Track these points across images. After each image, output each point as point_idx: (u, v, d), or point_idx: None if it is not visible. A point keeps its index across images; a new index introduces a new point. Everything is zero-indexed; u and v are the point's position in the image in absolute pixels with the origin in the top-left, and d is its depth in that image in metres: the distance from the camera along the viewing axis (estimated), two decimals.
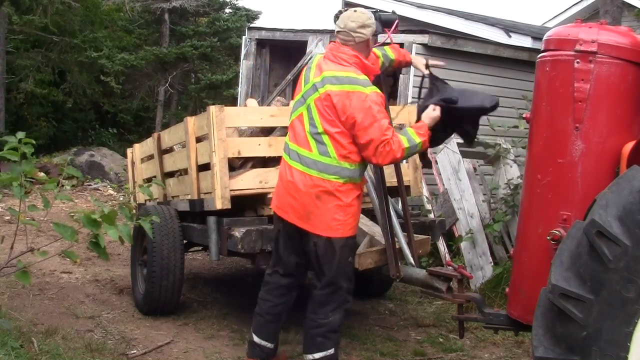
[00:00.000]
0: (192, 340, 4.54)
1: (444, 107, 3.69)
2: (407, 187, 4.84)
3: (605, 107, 3.01)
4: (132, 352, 4.21)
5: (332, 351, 3.61)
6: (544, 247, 2.98)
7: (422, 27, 8.25)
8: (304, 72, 3.72)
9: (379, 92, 3.55)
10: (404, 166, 4.23)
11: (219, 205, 4.36)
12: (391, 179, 4.26)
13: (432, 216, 6.05)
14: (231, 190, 4.39)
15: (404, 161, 4.17)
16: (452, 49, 7.67)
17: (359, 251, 4.09)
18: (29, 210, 3.09)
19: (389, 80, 4.06)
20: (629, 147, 2.93)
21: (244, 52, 10.05)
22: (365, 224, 4.35)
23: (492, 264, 6.02)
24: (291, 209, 3.59)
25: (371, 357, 4.32)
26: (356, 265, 3.96)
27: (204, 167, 4.68)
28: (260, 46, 9.95)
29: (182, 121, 5.02)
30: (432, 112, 3.68)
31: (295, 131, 3.62)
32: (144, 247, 5.11)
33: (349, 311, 3.79)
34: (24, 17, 15.75)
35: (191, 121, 4.86)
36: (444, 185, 6.31)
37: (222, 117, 4.40)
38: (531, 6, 48.84)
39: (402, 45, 7.35)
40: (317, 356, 3.60)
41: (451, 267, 3.98)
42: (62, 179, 3.32)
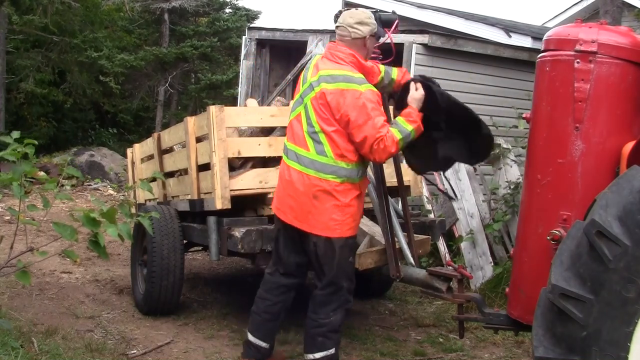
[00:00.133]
0: (192, 340, 4.54)
1: (424, 84, 3.55)
2: (407, 187, 4.84)
3: (605, 107, 3.01)
4: (132, 352, 4.21)
5: (332, 351, 3.62)
6: (544, 247, 2.98)
7: (422, 27, 8.24)
8: (303, 72, 3.73)
9: (374, 90, 3.52)
10: (404, 166, 4.22)
11: (219, 205, 4.36)
12: (391, 179, 4.26)
13: (432, 216, 6.05)
14: (231, 190, 4.39)
15: (404, 161, 4.15)
16: (452, 49, 7.66)
17: (359, 251, 4.09)
18: (29, 209, 3.08)
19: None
20: (629, 147, 2.93)
21: (244, 52, 10.04)
22: (365, 224, 4.35)
23: (492, 264, 6.02)
24: (290, 209, 3.59)
25: (371, 357, 4.32)
26: (356, 265, 3.95)
27: (204, 167, 4.68)
28: (260, 46, 9.94)
29: (182, 121, 5.02)
30: (416, 93, 3.56)
31: (293, 131, 3.62)
32: (144, 247, 5.11)
33: (349, 311, 3.79)
34: (24, 17, 15.75)
35: (191, 121, 4.86)
36: (443, 185, 6.31)
37: (222, 117, 4.40)
38: (531, 6, 48.87)
39: (402, 45, 7.36)
40: (317, 356, 3.60)
41: (451, 267, 3.98)
42: (62, 179, 3.32)
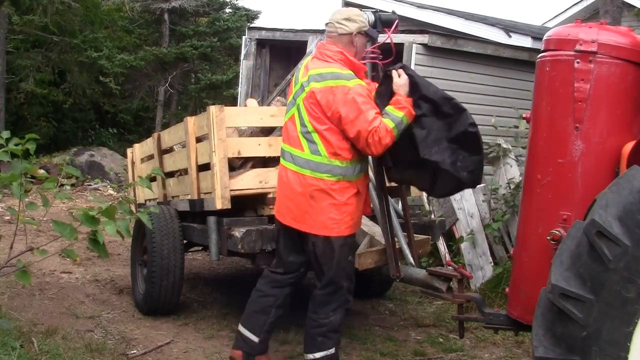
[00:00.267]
0: (192, 340, 4.54)
1: (405, 71, 3.50)
2: (407, 187, 4.84)
3: (605, 107, 3.01)
4: (132, 352, 4.21)
5: (332, 351, 3.62)
6: (544, 247, 2.98)
7: (422, 27, 8.24)
8: (295, 73, 3.74)
9: (364, 84, 3.52)
10: None
11: (219, 205, 4.36)
12: None
13: (432, 216, 6.05)
14: (231, 190, 4.39)
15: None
16: (452, 49, 7.66)
17: (359, 251, 4.09)
18: (28, 208, 3.08)
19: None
20: (629, 147, 2.93)
21: (244, 52, 10.04)
22: (365, 224, 4.34)
23: (492, 264, 6.02)
24: (287, 210, 3.60)
25: (371, 357, 4.32)
26: (356, 265, 3.95)
27: (204, 167, 4.67)
28: (260, 46, 9.94)
29: (182, 121, 5.01)
30: (399, 79, 3.51)
31: (288, 132, 3.64)
32: (144, 247, 5.11)
33: (349, 311, 3.79)
34: (24, 17, 15.76)
35: (191, 121, 4.86)
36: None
37: (222, 117, 4.40)
38: (531, 6, 48.89)
39: (402, 45, 7.36)
40: (317, 356, 3.61)
41: (451, 267, 3.98)
42: (62, 178, 3.32)
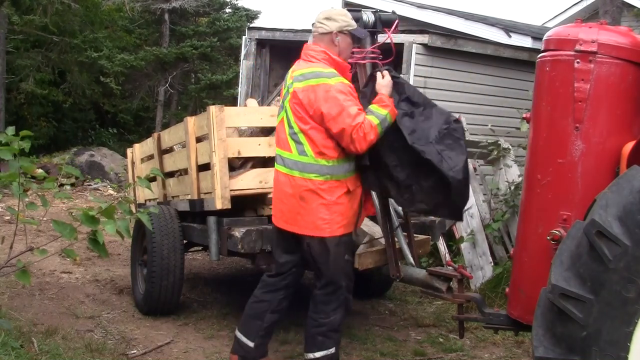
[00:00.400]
0: (192, 340, 4.54)
1: (390, 73, 3.53)
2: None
3: (605, 107, 3.01)
4: (132, 352, 4.21)
5: (332, 350, 3.62)
6: (544, 247, 2.98)
7: (422, 27, 8.23)
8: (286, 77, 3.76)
9: (346, 82, 3.51)
10: None
11: (219, 205, 4.36)
12: None
13: (432, 216, 6.04)
14: (231, 190, 4.39)
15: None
16: (452, 49, 7.65)
17: (359, 251, 4.09)
18: (28, 208, 3.07)
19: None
20: (629, 147, 2.93)
21: (244, 52, 10.03)
22: (365, 224, 4.34)
23: (492, 264, 6.02)
24: (280, 213, 3.62)
25: (371, 357, 4.32)
26: (356, 265, 3.95)
27: (204, 167, 4.68)
28: (260, 46, 9.93)
29: (182, 121, 5.02)
30: (382, 80, 3.54)
31: (278, 136, 3.67)
32: (144, 247, 5.11)
33: (349, 311, 3.79)
34: (24, 17, 15.75)
35: (191, 121, 4.86)
36: None
37: (222, 117, 4.40)
38: (531, 6, 48.88)
39: (402, 45, 7.35)
40: (317, 355, 3.61)
41: (451, 267, 3.98)
42: (61, 178, 3.32)
